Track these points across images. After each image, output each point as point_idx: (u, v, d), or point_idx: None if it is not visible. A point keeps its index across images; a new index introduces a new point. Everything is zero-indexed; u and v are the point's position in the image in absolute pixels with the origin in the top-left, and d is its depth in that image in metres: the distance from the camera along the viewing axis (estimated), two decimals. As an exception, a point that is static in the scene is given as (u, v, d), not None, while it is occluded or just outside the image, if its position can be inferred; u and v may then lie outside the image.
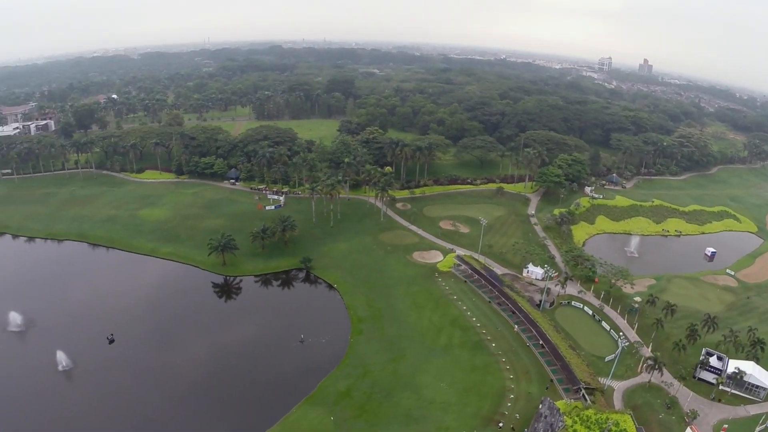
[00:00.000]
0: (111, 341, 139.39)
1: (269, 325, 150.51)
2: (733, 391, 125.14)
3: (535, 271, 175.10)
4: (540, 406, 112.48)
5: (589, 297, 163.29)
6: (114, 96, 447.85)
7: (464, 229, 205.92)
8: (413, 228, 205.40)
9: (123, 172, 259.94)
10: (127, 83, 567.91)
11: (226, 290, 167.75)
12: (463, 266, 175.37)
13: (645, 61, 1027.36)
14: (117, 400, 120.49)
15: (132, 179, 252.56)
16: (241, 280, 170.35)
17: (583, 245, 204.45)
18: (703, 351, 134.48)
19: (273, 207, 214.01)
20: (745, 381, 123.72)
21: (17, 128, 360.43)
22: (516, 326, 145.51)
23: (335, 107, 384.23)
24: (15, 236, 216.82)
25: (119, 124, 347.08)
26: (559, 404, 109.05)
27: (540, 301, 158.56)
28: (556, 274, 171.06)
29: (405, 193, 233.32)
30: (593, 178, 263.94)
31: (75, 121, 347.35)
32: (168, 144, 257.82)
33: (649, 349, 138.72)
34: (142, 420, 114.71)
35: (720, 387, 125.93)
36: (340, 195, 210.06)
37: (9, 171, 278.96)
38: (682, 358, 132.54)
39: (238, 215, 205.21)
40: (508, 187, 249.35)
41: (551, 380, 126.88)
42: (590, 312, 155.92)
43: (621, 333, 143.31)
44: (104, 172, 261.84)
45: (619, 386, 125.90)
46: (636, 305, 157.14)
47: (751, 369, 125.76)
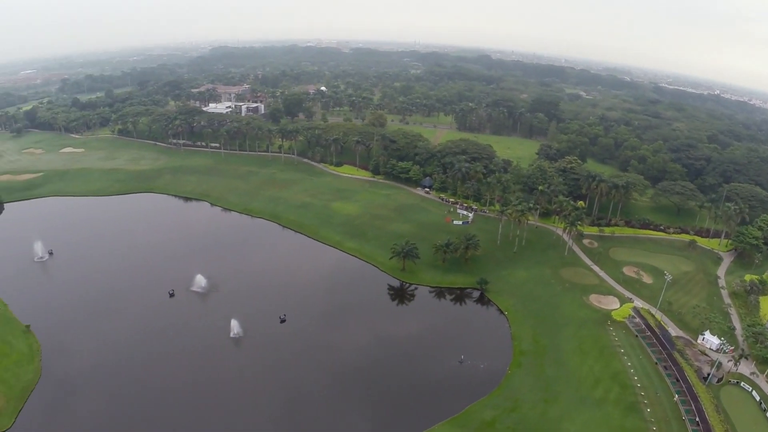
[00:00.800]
0: (282, 321, 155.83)
1: (432, 338, 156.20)
2: None
3: (711, 341, 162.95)
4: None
5: (761, 381, 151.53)
6: (323, 88, 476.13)
7: (647, 279, 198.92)
8: (595, 268, 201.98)
9: (322, 163, 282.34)
10: (336, 76, 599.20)
11: (400, 295, 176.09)
12: (638, 320, 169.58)
13: None
14: (276, 372, 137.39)
15: (330, 171, 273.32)
16: (416, 288, 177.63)
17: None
18: None
19: (460, 222, 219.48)
20: None
21: (230, 107, 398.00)
22: (676, 395, 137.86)
23: (537, 128, 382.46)
24: (213, 205, 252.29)
25: (325, 117, 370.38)
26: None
27: (708, 375, 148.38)
28: (732, 349, 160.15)
29: (594, 230, 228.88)
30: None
31: (284, 108, 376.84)
32: (368, 143, 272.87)
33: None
34: (296, 394, 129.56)
35: None
36: (528, 221, 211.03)
37: (217, 145, 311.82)
38: None
39: (425, 224, 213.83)
40: (702, 241, 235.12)
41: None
42: (758, 398, 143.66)
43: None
44: (305, 160, 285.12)
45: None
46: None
47: None
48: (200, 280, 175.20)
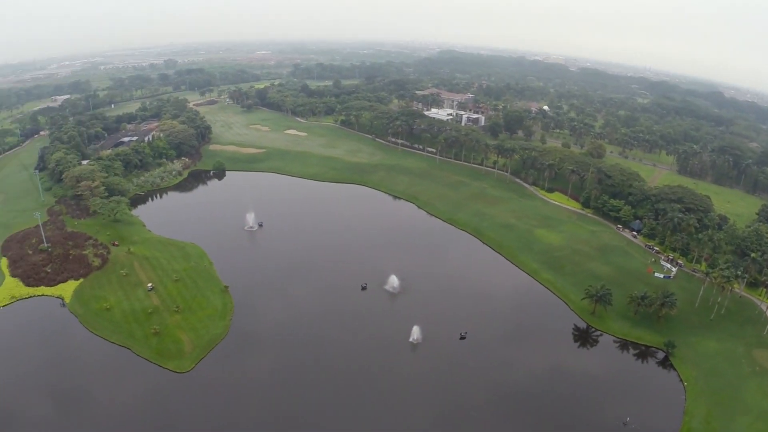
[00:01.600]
0: (462, 338, 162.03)
1: (604, 388, 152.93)
2: None
3: None
4: None
5: None
6: (545, 107, 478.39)
7: None
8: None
9: (534, 186, 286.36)
10: (560, 96, 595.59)
11: (583, 337, 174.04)
12: None
13: None
14: (443, 383, 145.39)
15: (540, 196, 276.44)
16: (601, 335, 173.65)
17: None
18: None
19: (662, 276, 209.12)
20: None
21: (450, 115, 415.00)
22: None
23: (763, 183, 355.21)
24: (419, 208, 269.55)
25: (543, 138, 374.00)
26: None
27: None
28: None
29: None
30: None
31: (504, 123, 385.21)
32: (583, 174, 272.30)
33: None
34: (458, 407, 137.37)
35: None
36: (733, 289, 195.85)
37: (434, 151, 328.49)
38: None
39: (625, 270, 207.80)
40: None
41: None
42: None
43: None
44: (516, 180, 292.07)
45: None
46: None
47: None
48: (393, 281, 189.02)
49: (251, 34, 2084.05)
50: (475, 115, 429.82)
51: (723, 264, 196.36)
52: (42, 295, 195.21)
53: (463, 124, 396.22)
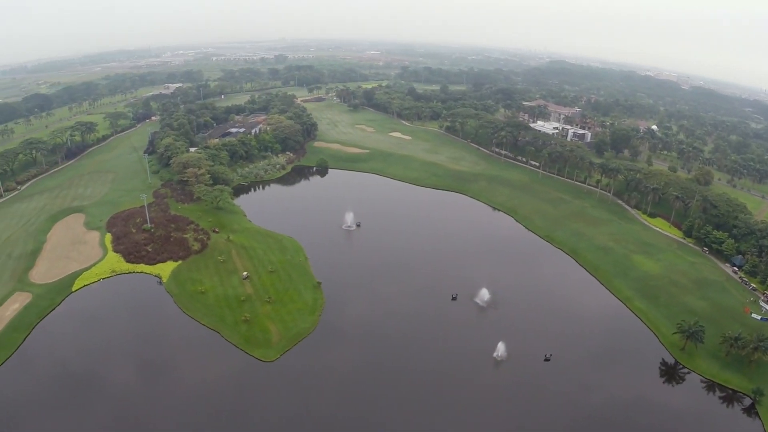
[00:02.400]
0: (547, 359, 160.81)
1: (681, 427, 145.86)
2: None
3: None
4: None
5: None
6: (654, 127, 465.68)
7: None
8: None
9: (635, 209, 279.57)
10: (670, 116, 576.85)
11: (669, 373, 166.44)
12: None
13: None
14: (520, 400, 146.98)
15: (641, 220, 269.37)
16: (688, 373, 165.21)
17: None
18: None
19: (759, 318, 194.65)
20: None
21: (556, 129, 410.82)
22: None
23: None
24: (517, 222, 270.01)
25: (650, 159, 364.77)
26: None
27: None
28: None
29: None
30: None
31: (610, 141, 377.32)
32: (688, 201, 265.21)
33: None
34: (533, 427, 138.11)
35: None
36: None
37: (537, 164, 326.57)
38: None
39: (721, 307, 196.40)
40: None
41: None
42: None
43: None
44: (618, 201, 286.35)
45: None
46: None
47: None
48: (484, 294, 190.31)
49: (361, 34, 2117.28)
50: (582, 131, 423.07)
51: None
52: (141, 272, 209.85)
53: (569, 139, 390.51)
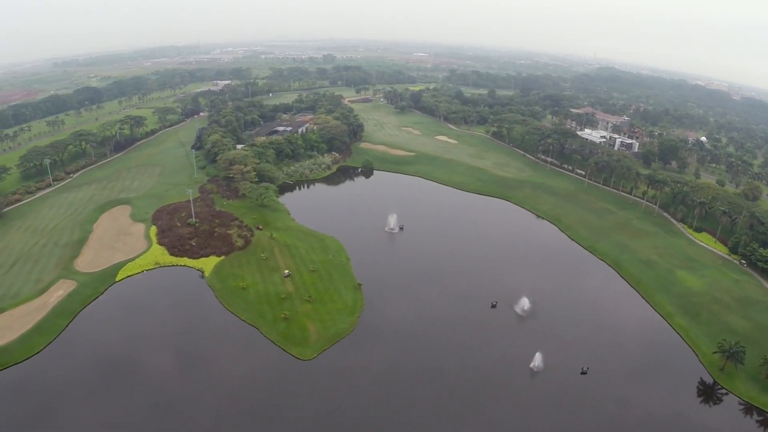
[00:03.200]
0: (584, 373, 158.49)
1: None
2: None
3: None
4: None
5: None
6: (703, 139, 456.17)
7: None
8: None
9: (681, 223, 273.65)
10: (720, 127, 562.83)
11: (707, 393, 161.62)
12: None
13: None
14: (556, 413, 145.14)
15: (686, 234, 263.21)
16: (726, 394, 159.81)
17: None
18: None
19: None
20: None
21: (603, 138, 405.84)
22: None
23: None
24: (560, 231, 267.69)
25: (698, 172, 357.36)
26: None
27: None
28: None
29: None
30: None
31: (658, 152, 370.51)
32: (735, 217, 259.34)
33: None
34: None
35: None
36: None
37: (583, 173, 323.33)
38: None
39: (764, 328, 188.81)
40: None
41: None
42: None
43: None
44: (664, 214, 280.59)
45: None
46: None
47: None
48: (524, 303, 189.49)
49: (409, 35, 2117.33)
50: (629, 140, 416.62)
51: None
52: (184, 266, 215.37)
53: (616, 149, 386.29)
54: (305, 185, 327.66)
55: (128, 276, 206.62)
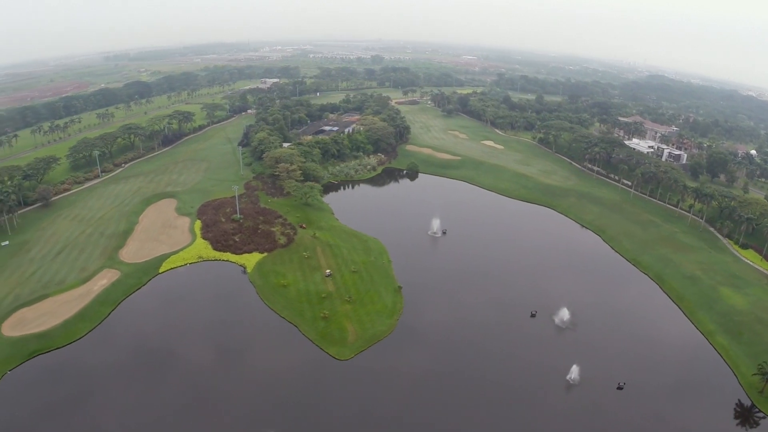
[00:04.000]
0: (620, 388, 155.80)
1: None
2: None
3: None
4: None
5: None
6: (753, 152, 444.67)
7: None
8: None
9: (727, 239, 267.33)
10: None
11: (744, 416, 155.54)
12: None
13: None
14: (591, 428, 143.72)
15: (732, 250, 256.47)
16: (764, 418, 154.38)
17: None
18: None
19: None
20: None
21: (651, 148, 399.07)
22: None
23: None
24: (604, 242, 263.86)
25: (746, 187, 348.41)
26: None
27: None
28: None
29: None
30: None
31: (706, 164, 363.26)
32: None
33: None
34: None
35: None
36: None
37: (629, 184, 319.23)
38: None
39: None
40: None
41: None
42: None
43: None
44: (710, 229, 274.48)
45: None
46: None
47: None
48: (564, 313, 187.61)
49: (458, 37, 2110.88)
50: (677, 152, 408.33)
51: None
52: (227, 261, 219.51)
53: (664, 159, 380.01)
54: (350, 185, 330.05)
55: (171, 268, 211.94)
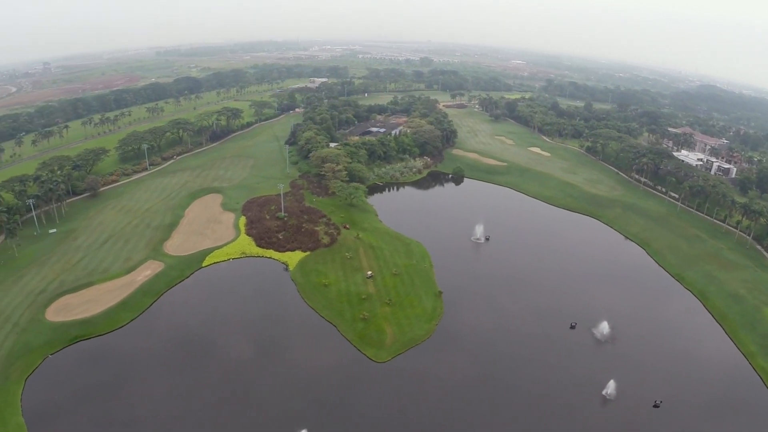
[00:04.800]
0: (656, 406, 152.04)
1: None
2: None
3: None
4: None
5: None
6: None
7: None
8: None
9: None
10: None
11: None
12: None
13: None
14: None
15: None
16: None
17: None
18: None
19: None
20: None
21: (700, 160, 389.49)
22: None
23: None
24: (648, 255, 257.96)
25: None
26: None
27: None
28: None
29: None
30: None
31: (756, 179, 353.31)
32: None
33: None
34: None
35: None
36: None
37: (676, 196, 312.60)
38: None
39: None
40: None
41: None
42: None
43: None
44: (758, 247, 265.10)
45: None
46: None
47: None
48: (604, 327, 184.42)
49: (508, 41, 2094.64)
50: (727, 165, 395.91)
51: None
52: (269, 258, 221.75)
53: (712, 173, 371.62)
54: (395, 187, 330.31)
55: (214, 263, 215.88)
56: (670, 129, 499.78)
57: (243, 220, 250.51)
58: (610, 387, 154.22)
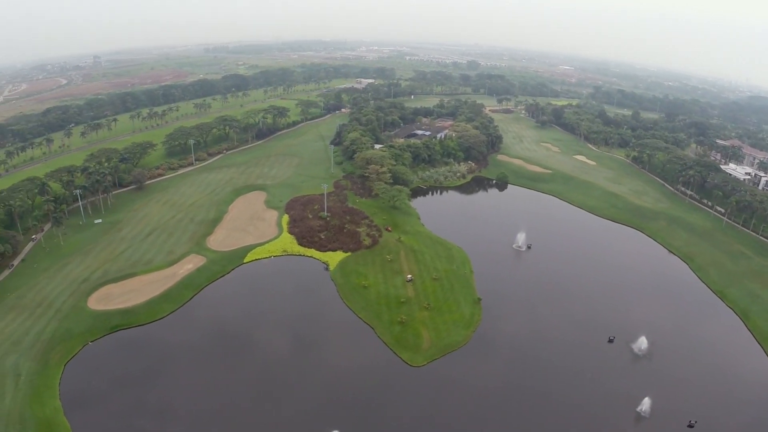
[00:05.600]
0: (691, 426, 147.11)
1: None
2: None
3: None
4: None
5: None
6: None
7: None
8: None
9: None
10: None
11: None
12: None
13: None
14: None
15: None
16: None
17: None
18: None
19: None
20: None
21: (748, 174, 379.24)
22: None
23: None
24: (691, 270, 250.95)
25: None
26: None
27: None
28: None
29: None
30: None
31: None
32: None
33: None
34: None
35: None
36: None
37: (722, 211, 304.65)
38: None
39: None
40: None
41: None
42: None
43: None
44: None
45: None
46: None
47: None
48: (642, 342, 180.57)
49: (555, 46, 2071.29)
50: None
51: None
52: (310, 257, 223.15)
53: (761, 188, 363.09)
54: (438, 191, 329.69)
55: (256, 259, 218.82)
56: (719, 141, 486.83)
57: (286, 219, 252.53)
58: (645, 404, 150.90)
